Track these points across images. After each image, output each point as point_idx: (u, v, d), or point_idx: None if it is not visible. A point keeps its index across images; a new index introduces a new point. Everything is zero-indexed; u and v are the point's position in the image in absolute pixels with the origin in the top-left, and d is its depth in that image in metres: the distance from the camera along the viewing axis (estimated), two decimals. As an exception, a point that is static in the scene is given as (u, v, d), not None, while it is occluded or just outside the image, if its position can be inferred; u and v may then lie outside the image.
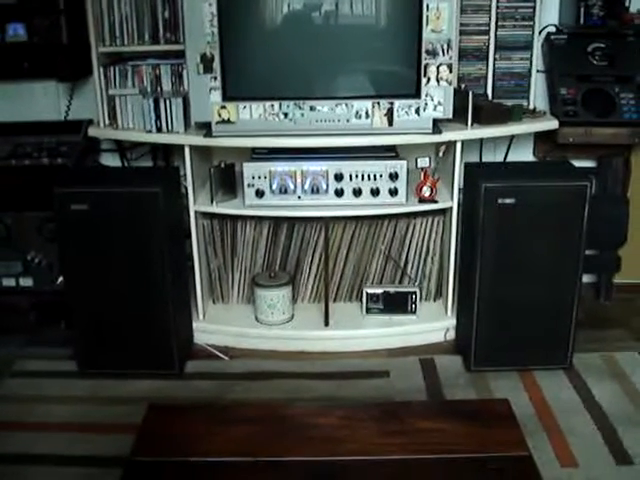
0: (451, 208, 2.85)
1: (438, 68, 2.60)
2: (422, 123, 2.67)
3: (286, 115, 2.66)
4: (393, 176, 2.74)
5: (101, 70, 2.83)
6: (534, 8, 2.87)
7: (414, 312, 3.01)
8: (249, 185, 2.76)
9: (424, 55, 2.58)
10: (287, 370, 2.80)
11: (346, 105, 2.64)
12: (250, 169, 2.75)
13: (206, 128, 2.72)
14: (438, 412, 1.89)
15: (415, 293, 2.99)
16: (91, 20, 2.76)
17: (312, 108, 2.65)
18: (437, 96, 2.63)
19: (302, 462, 1.68)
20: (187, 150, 2.77)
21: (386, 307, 3.01)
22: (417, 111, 2.65)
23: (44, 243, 2.92)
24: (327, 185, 2.75)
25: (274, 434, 1.77)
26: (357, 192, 2.76)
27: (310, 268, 3.08)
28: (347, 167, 2.74)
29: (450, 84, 2.62)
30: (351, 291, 3.12)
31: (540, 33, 2.95)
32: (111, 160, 3.27)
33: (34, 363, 2.86)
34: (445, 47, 2.57)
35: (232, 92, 2.64)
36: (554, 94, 2.96)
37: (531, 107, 2.97)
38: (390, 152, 2.82)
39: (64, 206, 2.55)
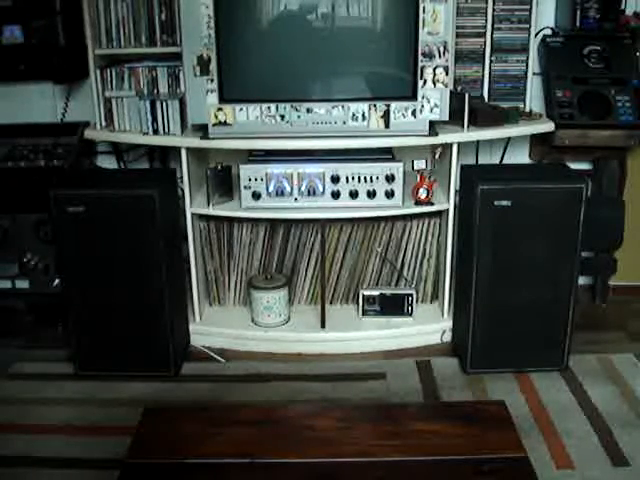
0: (447, 210, 2.85)
1: (434, 70, 2.60)
2: (418, 125, 2.67)
3: (283, 117, 2.66)
4: (389, 178, 2.75)
5: (98, 72, 2.83)
6: (530, 11, 2.87)
7: (410, 314, 3.01)
8: (246, 187, 2.76)
9: (420, 57, 2.58)
10: (283, 372, 2.80)
11: (343, 107, 2.65)
12: (247, 171, 2.75)
13: (203, 130, 2.72)
14: (434, 414, 1.89)
15: (411, 295, 3.00)
16: (88, 22, 2.76)
17: (309, 110, 2.65)
18: (433, 98, 2.64)
19: (299, 464, 1.68)
20: (184, 152, 2.77)
21: (382, 309, 3.02)
22: (413, 113, 2.65)
23: (40, 245, 2.92)
24: (323, 187, 2.76)
25: (271, 436, 1.77)
26: (353, 194, 2.76)
27: (306, 270, 3.09)
28: (343, 169, 2.75)
29: (446, 86, 2.63)
30: (347, 293, 3.12)
31: (536, 36, 2.95)
32: (107, 162, 3.26)
33: (31, 365, 2.85)
34: (441, 49, 2.58)
35: (229, 94, 2.64)
36: (550, 96, 2.96)
37: (527, 109, 2.97)
38: (386, 154, 2.82)
39: (60, 208, 2.55)
